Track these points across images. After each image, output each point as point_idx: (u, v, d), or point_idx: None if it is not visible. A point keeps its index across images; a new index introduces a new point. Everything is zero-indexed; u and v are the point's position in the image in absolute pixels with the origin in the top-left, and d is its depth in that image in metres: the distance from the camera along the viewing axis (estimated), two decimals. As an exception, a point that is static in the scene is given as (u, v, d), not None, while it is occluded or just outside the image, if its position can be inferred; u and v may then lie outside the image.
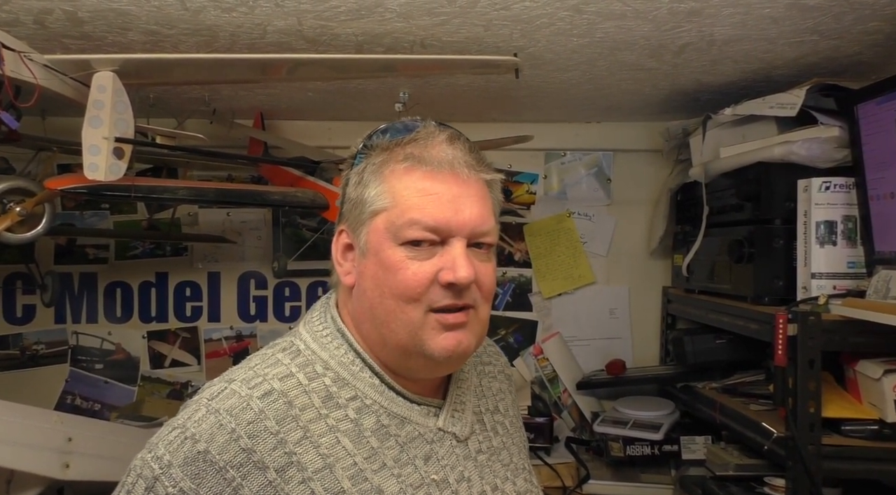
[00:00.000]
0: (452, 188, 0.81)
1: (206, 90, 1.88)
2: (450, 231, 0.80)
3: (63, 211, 2.32)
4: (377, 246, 0.81)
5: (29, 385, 2.29)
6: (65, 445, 1.57)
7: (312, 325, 0.88)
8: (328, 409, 0.79)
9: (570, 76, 1.72)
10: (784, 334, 1.44)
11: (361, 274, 0.83)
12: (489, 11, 1.27)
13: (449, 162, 0.81)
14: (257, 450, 0.74)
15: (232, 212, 2.38)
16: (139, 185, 1.55)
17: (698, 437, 2.01)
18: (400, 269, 0.79)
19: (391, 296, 0.80)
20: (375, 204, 0.81)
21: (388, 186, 0.81)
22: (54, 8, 1.25)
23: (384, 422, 0.81)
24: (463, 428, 0.87)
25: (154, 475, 0.74)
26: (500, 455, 0.91)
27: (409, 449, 0.82)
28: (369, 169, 0.83)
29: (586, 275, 2.41)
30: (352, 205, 0.84)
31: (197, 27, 1.35)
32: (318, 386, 0.80)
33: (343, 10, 1.26)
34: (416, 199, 0.80)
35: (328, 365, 0.83)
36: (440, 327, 0.80)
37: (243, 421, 0.75)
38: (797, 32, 1.40)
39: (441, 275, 0.79)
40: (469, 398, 0.91)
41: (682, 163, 2.22)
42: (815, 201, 1.55)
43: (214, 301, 2.39)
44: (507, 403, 1.00)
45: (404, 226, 0.79)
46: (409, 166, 0.81)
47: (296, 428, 0.76)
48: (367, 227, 0.82)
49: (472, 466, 0.86)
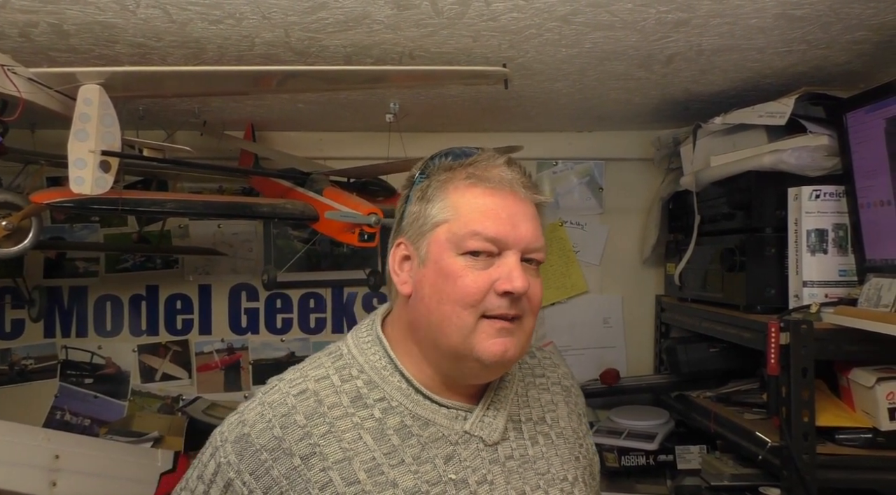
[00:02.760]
0: (510, 205, 0.88)
1: (196, 102, 1.88)
2: (507, 244, 0.86)
3: (52, 224, 2.31)
4: (437, 255, 0.87)
5: (18, 400, 2.27)
6: (52, 463, 1.55)
7: (359, 332, 0.97)
8: (356, 409, 0.88)
9: (559, 86, 1.73)
10: (777, 343, 1.44)
11: (420, 282, 0.89)
12: (477, 22, 1.27)
13: (508, 181, 0.88)
14: (286, 439, 0.85)
15: (223, 225, 2.36)
16: (126, 199, 1.54)
17: (693, 447, 2.00)
18: (460, 277, 0.85)
19: (449, 301, 0.86)
20: (438, 216, 0.88)
21: (451, 201, 0.88)
22: (39, 21, 1.24)
23: (407, 423, 0.88)
24: (492, 433, 0.90)
25: (216, 445, 0.90)
26: (536, 464, 0.93)
27: (430, 449, 0.87)
28: (434, 185, 0.90)
29: (579, 284, 2.40)
30: (413, 218, 0.91)
31: (184, 40, 1.35)
32: (350, 388, 0.89)
33: (331, 22, 1.26)
34: (478, 213, 0.87)
35: (363, 368, 0.91)
36: (491, 332, 0.86)
37: (279, 413, 0.87)
38: (785, 42, 1.40)
39: (498, 284, 0.85)
40: (505, 405, 0.94)
41: (673, 171, 2.22)
42: (805, 209, 1.55)
43: (206, 313, 2.37)
44: (557, 415, 1.01)
45: (466, 236, 0.86)
46: (472, 183, 0.88)
47: (322, 423, 0.86)
48: (428, 238, 0.89)
49: (498, 470, 0.89)
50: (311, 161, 2.10)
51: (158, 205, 1.67)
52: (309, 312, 2.40)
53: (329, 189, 1.83)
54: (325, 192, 1.81)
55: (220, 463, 0.88)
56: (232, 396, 2.32)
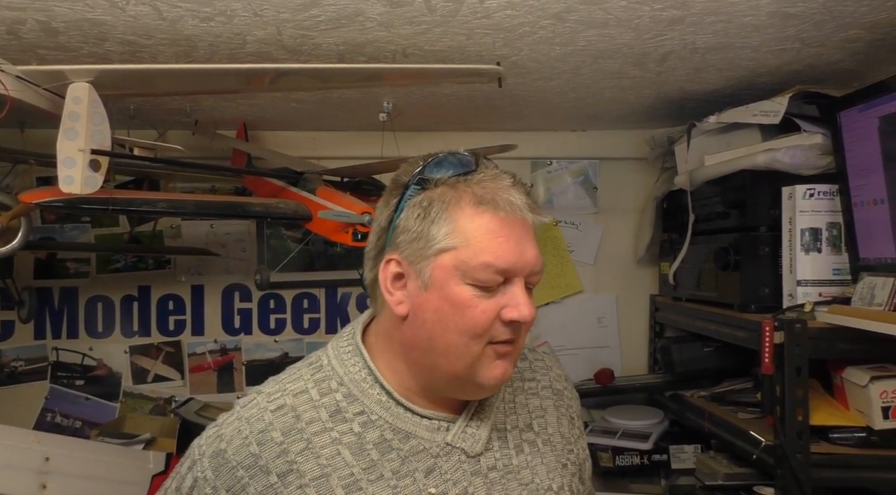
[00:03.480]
0: (517, 231, 0.85)
1: (188, 101, 1.86)
2: (515, 272, 0.84)
3: (43, 224, 2.29)
4: (443, 282, 0.84)
5: (8, 402, 2.25)
6: (42, 465, 1.53)
7: (339, 341, 0.94)
8: (334, 423, 0.86)
9: (554, 85, 1.72)
10: (771, 342, 1.44)
11: (420, 306, 0.86)
12: (471, 20, 1.26)
13: (519, 207, 0.85)
14: (263, 456, 0.84)
15: (215, 225, 2.35)
16: (117, 198, 1.52)
17: (687, 446, 2.00)
18: (469, 307, 0.83)
19: (457, 331, 0.84)
20: (444, 242, 0.84)
21: (459, 226, 0.84)
22: (27, 18, 1.23)
23: (387, 436, 0.86)
24: (474, 445, 0.89)
25: (194, 458, 0.89)
26: (520, 473, 0.91)
27: (411, 462, 0.85)
28: (437, 206, 0.85)
29: (574, 283, 2.40)
30: (412, 236, 0.85)
31: (175, 37, 1.33)
32: (328, 402, 0.88)
33: (323, 20, 1.25)
34: (488, 242, 0.83)
35: (342, 381, 0.89)
36: (494, 356, 0.85)
37: (255, 429, 0.86)
38: (779, 40, 1.40)
39: (505, 312, 0.84)
40: (490, 413, 0.92)
41: (668, 170, 2.22)
42: (799, 208, 1.55)
43: (198, 314, 2.35)
44: (545, 421, 0.98)
45: (478, 268, 0.83)
46: (483, 209, 0.84)
47: (300, 440, 0.84)
48: (432, 263, 0.84)
49: (479, 482, 0.87)
50: (304, 160, 2.09)
51: (150, 204, 1.66)
52: (302, 312, 2.39)
53: (322, 188, 1.82)
54: (318, 192, 1.80)
55: (196, 478, 0.87)
56: (225, 397, 2.30)
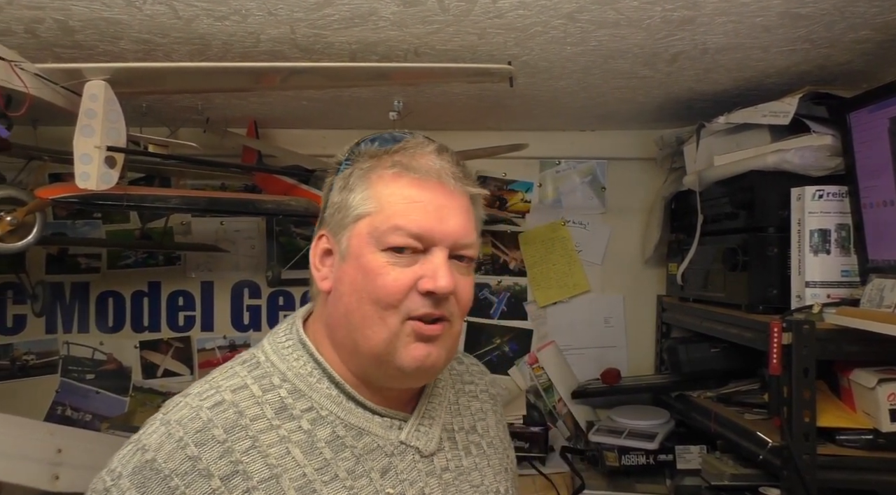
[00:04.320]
0: (438, 197, 0.81)
1: (200, 99, 1.88)
2: (433, 240, 0.80)
3: (55, 220, 2.31)
4: (358, 250, 0.81)
5: (19, 395, 2.27)
6: (54, 456, 1.55)
7: (276, 337, 0.88)
8: (281, 420, 0.79)
9: (564, 84, 1.73)
10: (779, 343, 1.44)
11: (339, 278, 0.83)
12: (483, 20, 1.27)
13: (436, 171, 0.82)
14: (203, 458, 0.74)
15: (225, 221, 2.36)
16: (131, 194, 1.54)
17: (693, 447, 2.00)
18: (380, 274, 0.79)
19: (369, 301, 0.79)
20: (360, 208, 0.81)
21: (374, 192, 0.81)
22: (45, 17, 1.24)
23: (340, 433, 0.81)
24: (428, 443, 0.86)
25: (105, 487, 0.75)
26: (470, 475, 0.89)
27: (366, 461, 0.80)
28: (356, 174, 0.83)
29: (581, 283, 2.40)
30: (335, 209, 0.84)
31: (189, 36, 1.35)
32: (272, 398, 0.80)
33: (336, 19, 1.26)
34: (402, 206, 0.80)
35: (285, 376, 0.83)
36: (414, 336, 0.80)
37: (191, 429, 0.76)
38: (789, 41, 1.40)
39: (421, 282, 0.79)
40: (440, 413, 0.90)
41: (676, 171, 2.22)
42: (808, 209, 1.55)
43: (208, 310, 2.37)
44: (487, 424, 0.97)
45: (388, 231, 0.79)
46: (397, 172, 0.81)
47: (244, 438, 0.76)
48: (349, 232, 0.82)
49: (434, 483, 0.84)
50: (314, 158, 2.10)
51: (163, 200, 1.68)
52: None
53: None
54: (328, 189, 1.81)
55: None
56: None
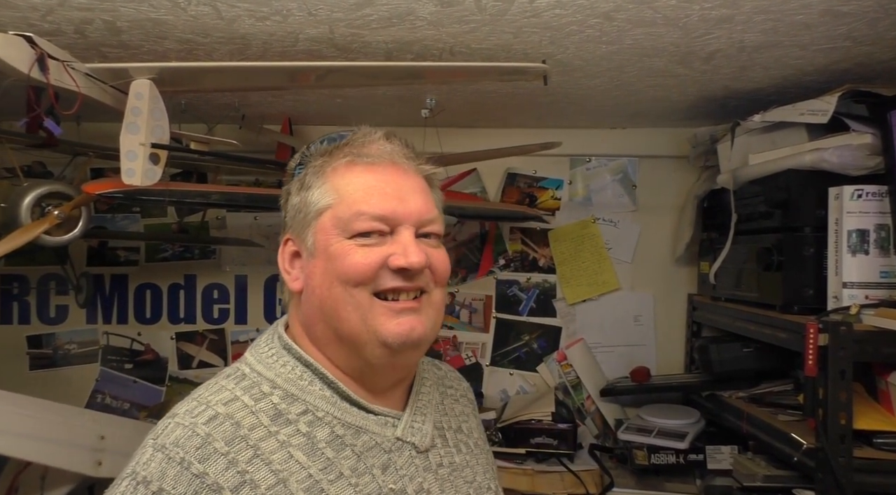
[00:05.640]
0: (396, 179, 0.83)
1: (236, 96, 1.91)
2: (397, 220, 0.81)
3: (96, 214, 2.37)
4: (325, 243, 0.82)
5: (61, 383, 2.35)
6: (97, 443, 1.60)
7: (258, 348, 0.88)
8: (278, 426, 0.78)
9: (597, 83, 1.73)
10: (815, 344, 1.43)
11: (310, 274, 0.83)
12: (519, 19, 1.28)
13: (388, 154, 0.84)
14: (210, 473, 0.72)
15: (259, 216, 2.41)
16: (173, 190, 1.59)
17: (724, 447, 1.98)
18: (348, 255, 0.80)
19: (339, 281, 0.80)
20: (320, 202, 0.82)
21: (331, 184, 0.83)
22: (94, 18, 1.28)
23: (339, 433, 0.81)
24: (423, 439, 0.86)
25: None
26: (464, 472, 0.90)
27: (367, 459, 0.80)
28: (311, 172, 0.85)
29: (611, 281, 2.40)
30: (295, 210, 0.85)
31: (231, 36, 1.38)
32: (265, 406, 0.80)
33: (375, 19, 1.28)
34: (361, 192, 0.81)
35: (275, 384, 0.82)
36: (391, 313, 0.80)
37: (191, 448, 0.74)
38: (830, 38, 1.38)
39: (392, 259, 0.80)
40: (430, 410, 0.91)
41: (709, 169, 2.20)
42: (846, 209, 1.53)
43: (241, 303, 2.42)
44: (470, 425, 0.99)
45: (352, 218, 0.80)
46: (350, 161, 0.83)
47: (246, 448, 0.75)
48: (313, 228, 0.83)
49: (432, 478, 0.85)
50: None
51: (203, 196, 1.72)
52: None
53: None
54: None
55: None
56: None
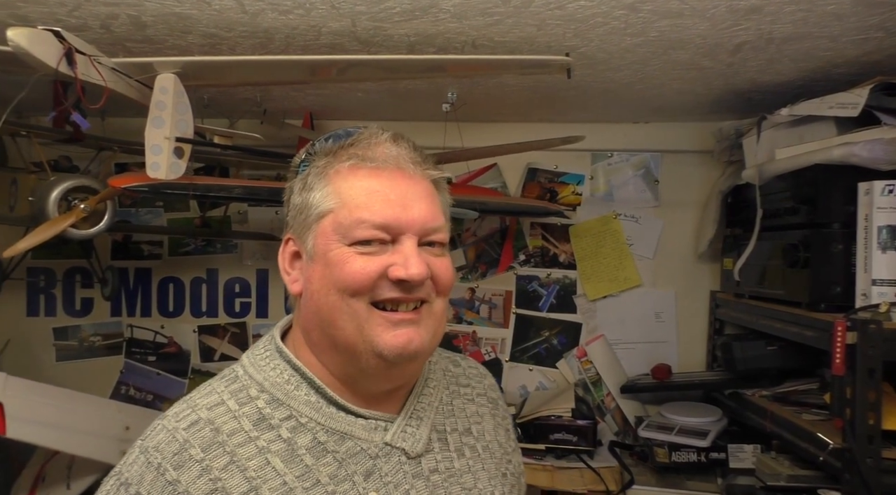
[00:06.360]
0: (400, 185, 0.80)
1: (259, 91, 1.92)
2: (400, 228, 0.78)
3: (120, 208, 2.41)
4: (324, 248, 0.79)
5: (86, 374, 2.38)
6: (122, 433, 1.63)
7: (255, 350, 0.88)
8: (259, 431, 0.78)
9: (621, 76, 1.71)
10: (842, 342, 1.40)
11: (309, 279, 0.81)
12: (543, 11, 1.27)
13: (394, 158, 0.80)
14: (182, 481, 0.74)
15: (280, 211, 2.40)
16: (197, 184, 1.60)
17: (747, 446, 1.96)
18: (347, 262, 0.78)
19: (336, 290, 0.78)
20: (321, 206, 0.80)
21: (333, 188, 0.80)
22: (120, 13, 1.30)
23: (321, 439, 0.79)
24: (415, 444, 0.83)
25: None
26: (462, 478, 0.87)
27: (349, 465, 0.79)
28: (313, 172, 0.82)
29: (632, 277, 2.37)
30: (297, 211, 0.83)
31: (254, 30, 1.38)
32: (249, 410, 0.80)
33: (398, 11, 1.28)
34: (364, 198, 0.78)
35: (262, 387, 0.82)
36: (388, 324, 0.78)
37: (168, 453, 0.75)
38: (862, 29, 1.35)
39: (391, 270, 0.77)
40: (429, 413, 0.88)
41: (734, 164, 2.17)
42: (877, 205, 1.49)
43: (262, 297, 2.44)
44: (483, 428, 0.94)
45: (353, 225, 0.78)
46: (354, 164, 0.80)
47: (222, 454, 0.75)
48: (313, 231, 0.81)
49: (421, 485, 0.82)
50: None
51: (227, 190, 1.73)
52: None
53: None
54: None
55: None
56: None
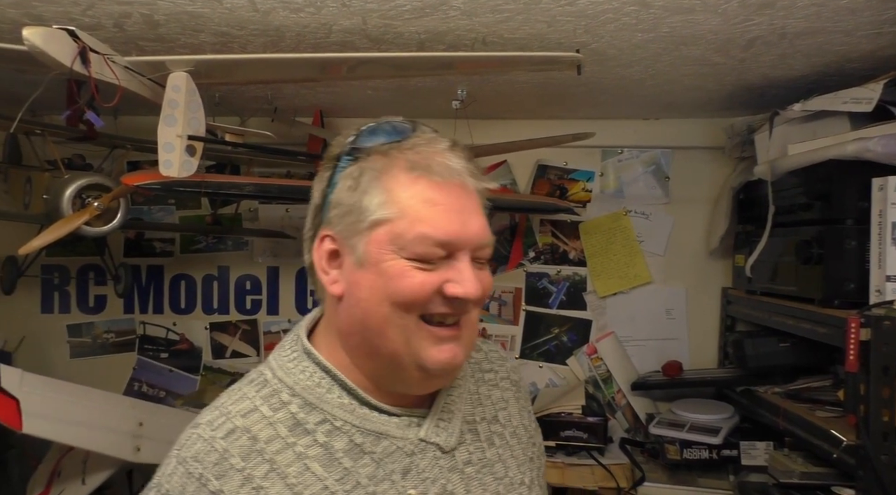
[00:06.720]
0: (459, 200, 0.78)
1: (270, 89, 1.93)
2: (458, 245, 0.77)
3: (132, 206, 2.42)
4: (378, 257, 0.77)
5: (100, 371, 2.41)
6: (136, 429, 1.65)
7: (282, 351, 0.86)
8: (296, 437, 0.78)
9: (631, 72, 1.70)
10: (856, 339, 1.39)
11: (355, 283, 0.79)
12: (553, 7, 1.26)
13: (457, 172, 0.79)
14: (225, 490, 0.74)
15: (291, 209, 2.43)
16: (208, 182, 1.61)
17: (759, 443, 1.95)
18: (405, 277, 0.76)
19: (389, 302, 0.77)
20: (377, 213, 0.77)
21: (391, 196, 0.77)
22: (133, 12, 1.31)
23: (357, 441, 0.79)
24: (448, 439, 0.83)
25: None
26: (494, 467, 0.87)
27: (386, 465, 0.79)
28: (368, 174, 0.78)
29: (643, 274, 2.37)
30: (344, 211, 0.79)
31: (265, 28, 1.39)
32: (283, 416, 0.79)
33: (408, 9, 1.28)
34: (424, 211, 0.76)
35: (294, 391, 0.81)
36: (434, 339, 0.78)
37: (209, 463, 0.75)
38: (876, 24, 1.34)
39: (448, 287, 0.77)
40: (459, 406, 0.88)
41: (745, 160, 2.16)
42: (891, 200, 1.48)
43: (273, 294, 2.45)
44: (509, 413, 0.94)
45: (414, 240, 0.76)
46: (417, 176, 0.77)
47: (262, 462, 0.76)
48: (365, 237, 0.78)
49: (457, 479, 0.82)
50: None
51: (238, 188, 1.74)
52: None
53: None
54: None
55: None
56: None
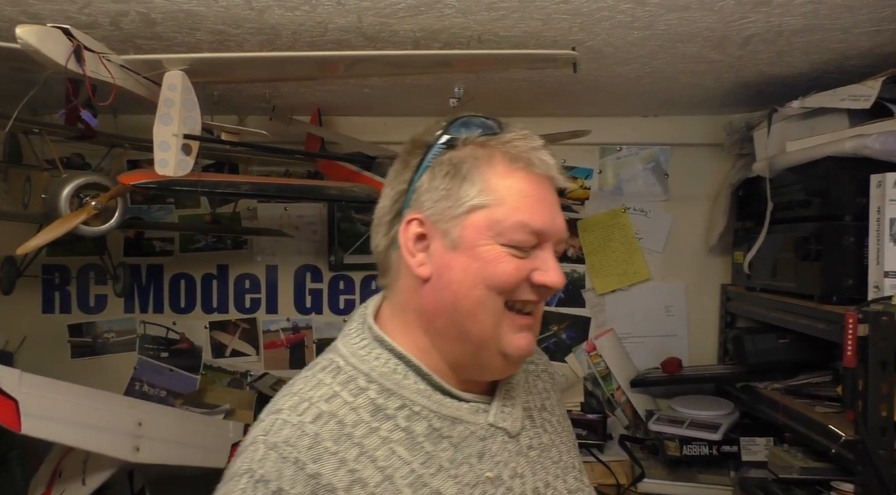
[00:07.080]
0: (549, 194, 0.83)
1: (267, 87, 1.93)
2: (548, 236, 0.82)
3: (131, 205, 2.42)
4: (474, 241, 0.81)
5: (101, 371, 2.41)
6: (135, 429, 1.64)
7: (350, 338, 0.88)
8: (378, 422, 0.79)
9: (628, 70, 1.70)
10: (854, 334, 1.39)
11: (447, 266, 0.82)
12: (548, 5, 1.26)
13: (553, 167, 0.83)
14: (323, 473, 0.74)
15: (289, 207, 2.43)
16: (205, 181, 1.61)
17: (759, 439, 1.96)
18: (501, 262, 0.80)
19: (485, 285, 0.80)
20: (475, 200, 0.81)
21: (490, 184, 0.81)
22: (129, 10, 1.31)
23: (436, 426, 0.81)
24: (514, 423, 0.87)
25: None
26: (550, 452, 0.91)
27: (463, 449, 0.82)
28: (469, 162, 0.82)
29: (642, 271, 2.37)
30: (439, 195, 0.82)
31: (261, 26, 1.39)
32: (363, 402, 0.80)
33: (402, 7, 1.28)
34: (522, 201, 0.81)
35: (370, 378, 0.83)
36: (516, 327, 0.83)
37: (303, 447, 0.75)
38: (874, 21, 1.34)
39: (536, 275, 0.81)
40: (518, 393, 0.91)
41: (744, 157, 2.15)
42: (889, 197, 1.48)
43: (272, 293, 2.45)
44: (552, 402, 0.99)
45: (512, 227, 0.80)
46: (516, 167, 0.82)
47: (352, 446, 0.76)
48: (462, 222, 0.81)
49: (524, 462, 0.86)
50: (376, 145, 2.14)
51: (235, 186, 1.74)
52: (370, 294, 2.43)
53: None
54: (390, 176, 1.84)
55: None
56: (297, 373, 2.40)
